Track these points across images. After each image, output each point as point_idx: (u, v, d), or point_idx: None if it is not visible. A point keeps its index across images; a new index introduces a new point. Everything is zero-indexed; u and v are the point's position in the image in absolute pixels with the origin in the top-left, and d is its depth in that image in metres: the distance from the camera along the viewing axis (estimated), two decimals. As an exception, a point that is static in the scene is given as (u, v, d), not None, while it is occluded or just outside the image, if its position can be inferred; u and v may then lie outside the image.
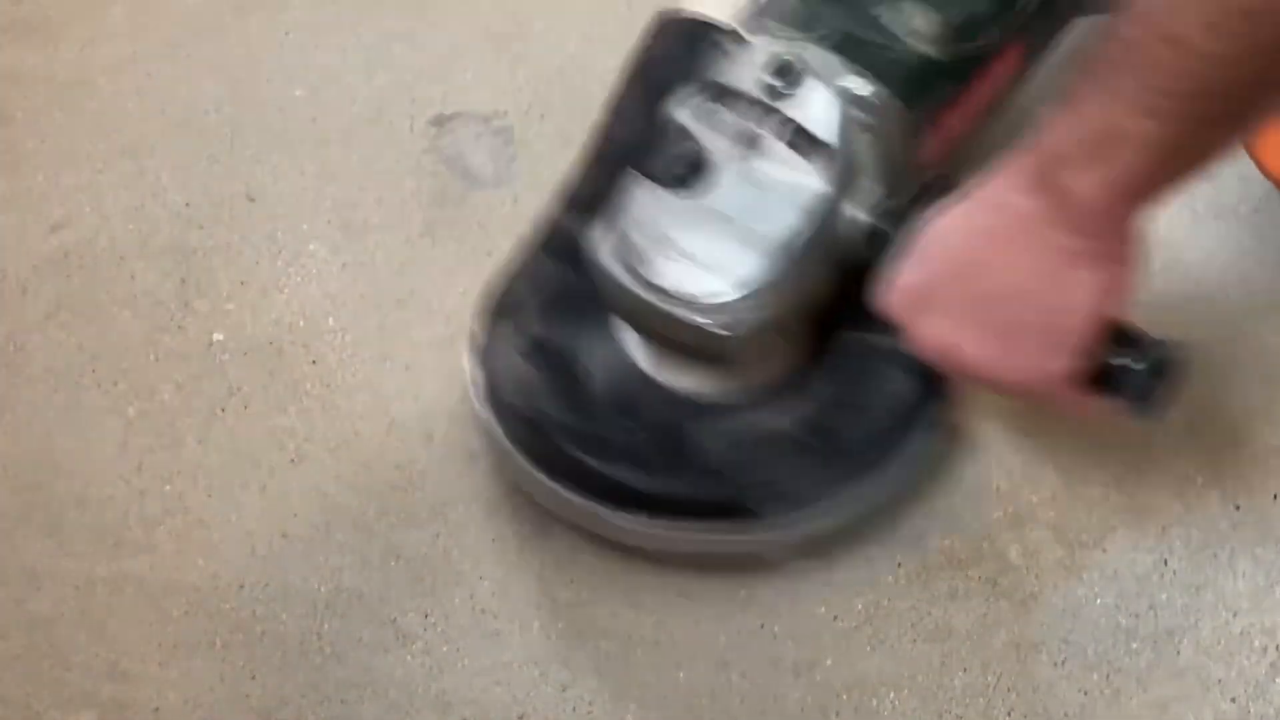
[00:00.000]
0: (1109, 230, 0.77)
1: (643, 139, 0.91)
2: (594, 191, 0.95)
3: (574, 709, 0.94)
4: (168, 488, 1.03)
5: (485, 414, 0.95)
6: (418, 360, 1.07)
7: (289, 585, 0.99)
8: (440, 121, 1.16)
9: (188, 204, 1.14)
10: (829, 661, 0.95)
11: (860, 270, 0.87)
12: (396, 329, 1.08)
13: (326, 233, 1.12)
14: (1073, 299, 0.79)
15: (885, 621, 0.95)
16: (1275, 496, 0.97)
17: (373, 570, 0.99)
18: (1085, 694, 0.92)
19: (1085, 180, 0.75)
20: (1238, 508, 0.97)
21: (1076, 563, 0.96)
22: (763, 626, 0.96)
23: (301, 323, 1.08)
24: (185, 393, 1.06)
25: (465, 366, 0.97)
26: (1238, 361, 1.01)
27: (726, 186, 0.87)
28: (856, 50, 0.89)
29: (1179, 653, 0.93)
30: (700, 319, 0.87)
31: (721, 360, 0.91)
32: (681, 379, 0.94)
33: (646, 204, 0.88)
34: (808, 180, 0.86)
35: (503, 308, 0.98)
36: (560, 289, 0.96)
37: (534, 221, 1.00)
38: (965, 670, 0.93)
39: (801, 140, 0.87)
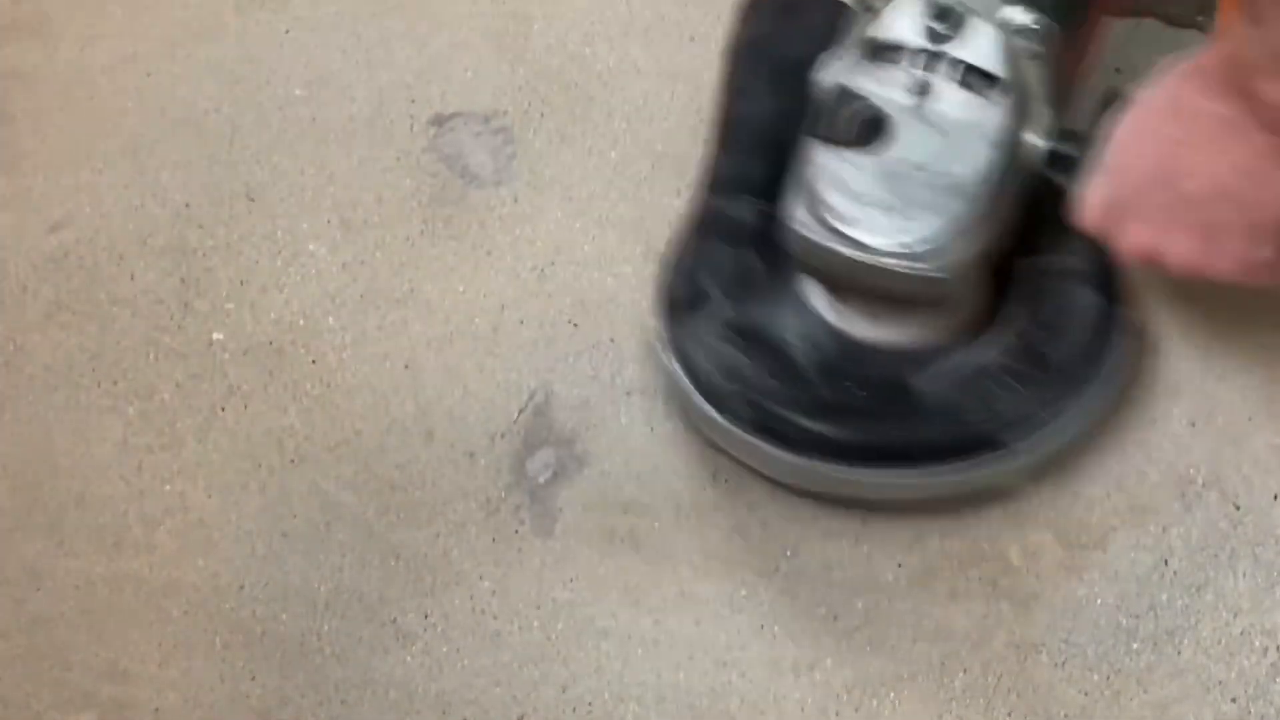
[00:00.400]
0: None
1: (786, 111, 0.96)
2: (743, 172, 1.00)
3: (574, 709, 0.94)
4: (168, 488, 1.03)
5: (705, 408, 0.96)
6: (417, 359, 1.07)
7: (289, 585, 0.99)
8: (440, 121, 1.16)
9: (188, 204, 1.14)
10: (829, 661, 0.94)
11: (1033, 196, 0.92)
12: (396, 328, 1.08)
13: (326, 232, 1.12)
14: (1273, 193, 0.84)
15: (885, 621, 0.95)
16: (1275, 496, 0.97)
17: (373, 570, 0.99)
18: (1086, 694, 0.92)
19: (1276, 88, 0.78)
20: (1238, 508, 0.97)
21: (1076, 563, 0.96)
22: (763, 626, 0.96)
23: (301, 322, 1.08)
24: (185, 392, 1.06)
25: (666, 365, 0.98)
26: (1238, 361, 1.01)
27: (910, 137, 0.90)
28: None
29: (1179, 653, 0.93)
30: (917, 267, 0.90)
31: (937, 304, 0.95)
32: (883, 333, 0.97)
33: (834, 168, 0.91)
34: (988, 115, 0.90)
35: (686, 300, 0.99)
36: (741, 271, 0.98)
37: (685, 211, 1.02)
38: (965, 671, 0.93)
39: (973, 78, 0.90)
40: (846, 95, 0.91)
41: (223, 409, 1.06)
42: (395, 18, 1.22)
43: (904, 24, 0.91)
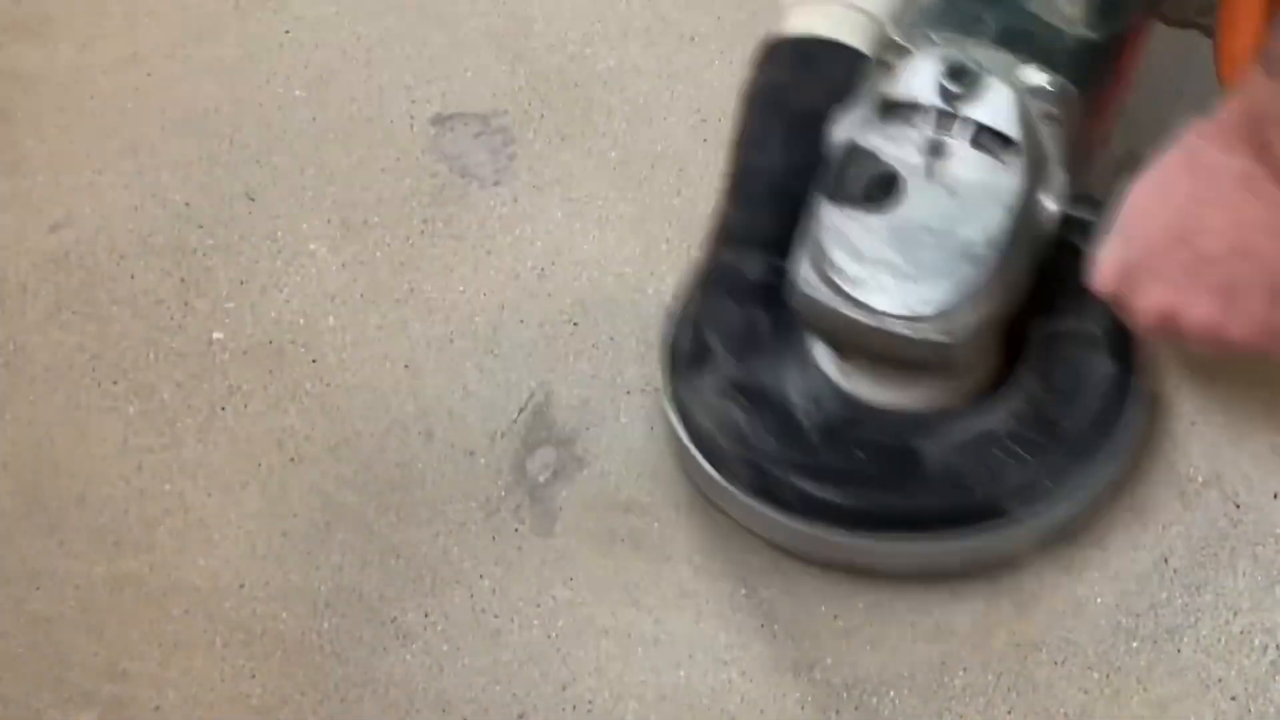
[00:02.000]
0: None
1: (800, 165, 0.93)
2: (753, 225, 0.97)
3: (574, 709, 0.94)
4: (168, 487, 1.03)
5: (706, 466, 0.95)
6: (417, 359, 1.07)
7: (289, 585, 0.99)
8: (440, 121, 1.16)
9: (188, 204, 1.14)
10: (829, 661, 0.94)
11: (1047, 260, 0.90)
12: (396, 327, 1.08)
13: (326, 232, 1.12)
14: None
15: (885, 621, 0.95)
16: (1275, 496, 0.97)
17: (373, 570, 0.99)
18: (1085, 693, 0.92)
19: None
20: (1238, 507, 0.97)
21: (1076, 562, 0.96)
22: (762, 626, 0.96)
23: (301, 322, 1.09)
24: (185, 392, 1.06)
25: (672, 423, 0.97)
26: (1238, 360, 1.01)
27: (920, 198, 0.88)
28: (1021, 43, 0.89)
29: (1179, 652, 0.93)
30: (922, 332, 0.87)
31: (944, 369, 0.92)
32: (889, 396, 0.94)
33: (842, 228, 0.88)
34: (1001, 178, 0.87)
35: (690, 356, 0.97)
36: (747, 327, 0.96)
37: (692, 266, 1.00)
38: (965, 670, 0.93)
39: (987, 139, 0.88)
40: (857, 153, 0.89)
41: (223, 409, 1.06)
42: (395, 18, 1.22)
43: (919, 82, 0.89)
